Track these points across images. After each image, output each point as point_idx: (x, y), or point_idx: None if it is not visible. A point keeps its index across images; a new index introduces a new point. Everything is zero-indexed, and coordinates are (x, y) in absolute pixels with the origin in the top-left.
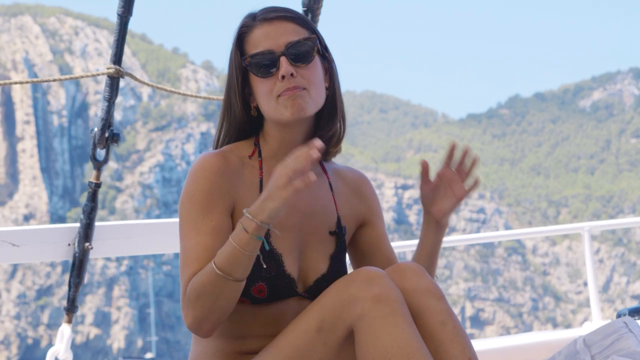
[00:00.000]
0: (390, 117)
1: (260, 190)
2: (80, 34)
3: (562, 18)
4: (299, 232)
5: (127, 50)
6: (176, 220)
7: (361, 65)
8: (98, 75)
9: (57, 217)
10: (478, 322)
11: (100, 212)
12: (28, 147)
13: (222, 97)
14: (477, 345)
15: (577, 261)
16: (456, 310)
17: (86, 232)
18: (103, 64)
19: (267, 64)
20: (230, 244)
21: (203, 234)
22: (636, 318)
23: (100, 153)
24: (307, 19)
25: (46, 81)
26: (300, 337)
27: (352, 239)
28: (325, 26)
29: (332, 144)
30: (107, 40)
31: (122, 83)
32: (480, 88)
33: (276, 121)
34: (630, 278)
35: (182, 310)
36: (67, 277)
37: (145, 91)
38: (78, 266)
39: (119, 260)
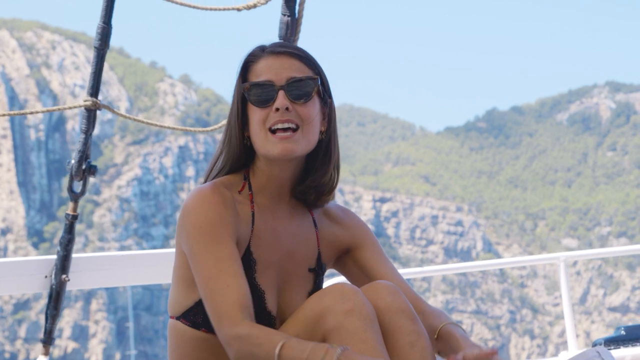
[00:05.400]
0: (368, 130)
1: (253, 223)
2: (58, 48)
3: (539, 31)
4: (280, 269)
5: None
6: (153, 251)
7: (339, 79)
8: (75, 107)
9: (34, 231)
10: None
11: (77, 226)
12: (5, 161)
13: (208, 128)
14: None
15: (554, 273)
16: None
17: (63, 264)
18: (80, 78)
19: (265, 95)
20: (302, 352)
21: (224, 260)
22: (611, 347)
23: (77, 185)
24: (316, 62)
25: (22, 114)
26: None
27: (343, 266)
28: (303, 39)
29: (324, 193)
30: (84, 54)
31: (99, 96)
32: (458, 101)
33: (264, 155)
34: (607, 290)
35: (225, 337)
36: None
37: (122, 105)
38: (55, 298)
39: None
